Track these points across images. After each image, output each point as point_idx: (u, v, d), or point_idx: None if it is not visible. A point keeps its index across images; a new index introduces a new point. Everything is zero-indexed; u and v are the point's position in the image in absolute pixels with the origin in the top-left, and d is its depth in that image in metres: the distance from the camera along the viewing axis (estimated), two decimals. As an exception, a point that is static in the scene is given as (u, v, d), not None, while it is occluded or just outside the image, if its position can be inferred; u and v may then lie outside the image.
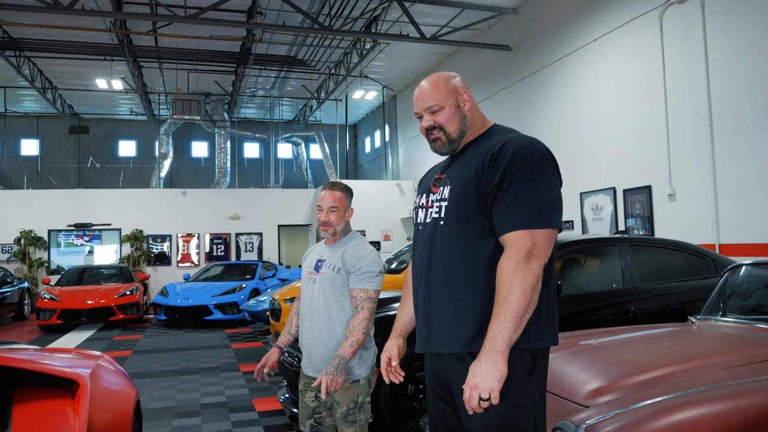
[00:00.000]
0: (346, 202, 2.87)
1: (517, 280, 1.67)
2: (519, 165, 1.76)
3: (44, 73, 16.76)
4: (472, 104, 1.99)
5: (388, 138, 20.92)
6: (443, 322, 1.85)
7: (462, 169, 1.89)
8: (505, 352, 1.66)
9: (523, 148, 1.79)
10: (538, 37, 11.54)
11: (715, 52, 7.73)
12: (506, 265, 1.70)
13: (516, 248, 1.70)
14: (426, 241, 1.94)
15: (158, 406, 5.67)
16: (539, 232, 1.72)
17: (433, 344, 1.89)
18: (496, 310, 1.69)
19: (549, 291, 1.84)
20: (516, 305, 1.65)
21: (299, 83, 18.82)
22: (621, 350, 3.32)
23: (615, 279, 5.06)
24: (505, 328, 1.66)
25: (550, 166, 1.81)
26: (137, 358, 8.28)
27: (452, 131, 1.96)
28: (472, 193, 1.82)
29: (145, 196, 17.94)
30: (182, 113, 15.83)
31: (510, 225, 1.74)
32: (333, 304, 2.78)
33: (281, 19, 12.83)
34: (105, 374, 2.61)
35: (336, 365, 2.59)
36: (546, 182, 1.76)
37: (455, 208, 1.84)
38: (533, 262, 1.69)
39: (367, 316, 2.72)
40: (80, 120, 21.97)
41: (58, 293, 11.72)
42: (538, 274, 1.69)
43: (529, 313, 1.68)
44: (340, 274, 2.78)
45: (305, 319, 2.87)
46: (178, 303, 11.64)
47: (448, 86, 1.98)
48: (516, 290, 1.66)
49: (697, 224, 7.96)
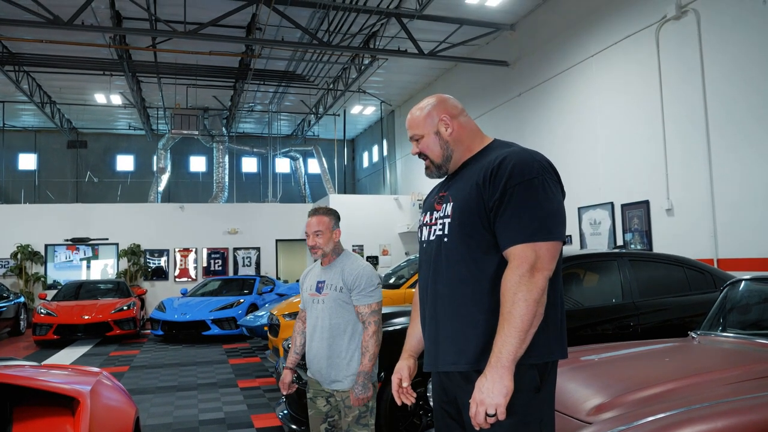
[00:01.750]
0: (331, 224, 3.06)
1: (521, 294, 1.66)
2: (519, 178, 1.75)
3: (43, 87, 16.82)
4: (456, 127, 1.99)
5: (386, 153, 20.97)
6: (450, 340, 1.85)
7: (463, 186, 1.89)
8: (511, 367, 1.65)
9: (523, 162, 1.79)
10: (535, 53, 11.62)
11: (712, 67, 7.79)
12: (510, 280, 1.69)
13: (519, 262, 1.70)
14: (431, 259, 1.94)
15: (156, 422, 5.62)
16: (542, 245, 1.71)
17: (440, 363, 1.89)
18: (500, 325, 1.68)
19: (556, 303, 1.83)
20: (520, 319, 1.64)
21: (297, 98, 18.90)
22: (622, 366, 3.31)
23: (614, 294, 5.06)
24: (510, 343, 1.65)
25: (551, 178, 1.81)
26: (134, 374, 8.21)
27: (435, 158, 1.99)
28: (474, 208, 1.81)
29: (142, 210, 17.92)
30: (181, 128, 15.88)
31: (513, 239, 1.73)
32: (339, 321, 2.98)
33: (280, 34, 12.92)
34: (105, 391, 2.59)
35: (362, 383, 2.86)
36: (547, 195, 1.76)
37: (458, 225, 1.84)
38: (537, 276, 1.68)
39: (375, 330, 2.95)
40: (78, 134, 21.98)
41: (55, 308, 11.65)
42: (542, 287, 1.68)
43: (534, 327, 1.67)
44: (343, 293, 2.99)
45: (313, 338, 3.04)
46: (176, 318, 11.58)
47: (426, 113, 2.00)
48: (520, 304, 1.65)
49: (695, 239, 7.98)
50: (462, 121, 2.01)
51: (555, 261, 1.74)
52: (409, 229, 16.11)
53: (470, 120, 2.05)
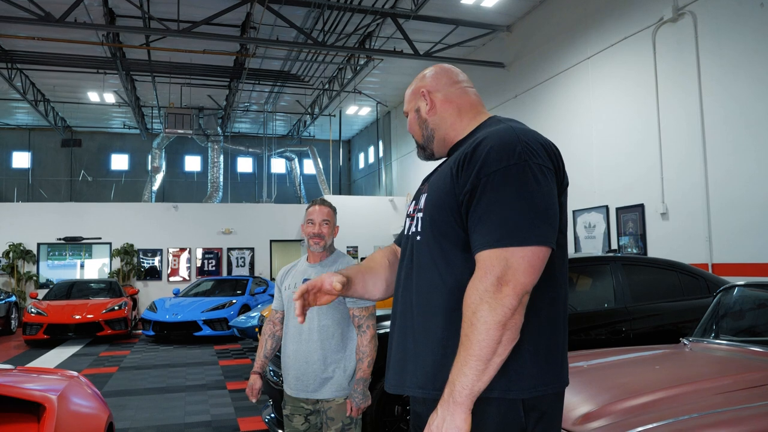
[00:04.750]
0: (335, 218, 2.90)
1: (482, 314, 1.31)
2: (495, 165, 1.40)
3: (36, 85, 16.71)
4: (436, 103, 1.69)
5: (381, 154, 20.91)
6: (418, 359, 1.52)
7: (440, 175, 1.58)
8: (466, 403, 1.33)
9: (502, 144, 1.43)
10: (531, 55, 11.57)
11: (708, 70, 7.74)
12: (470, 294, 1.35)
13: (483, 272, 1.35)
14: (405, 260, 1.63)
15: (141, 425, 5.53)
16: (516, 252, 1.34)
17: (407, 384, 1.55)
18: (458, 350, 1.36)
19: (556, 322, 1.49)
20: (478, 346, 1.31)
21: (293, 98, 18.83)
22: (611, 373, 3.24)
23: (607, 299, 5.00)
24: (464, 374, 1.32)
25: (538, 163, 1.42)
26: (123, 375, 8.12)
27: (417, 138, 1.75)
28: (446, 202, 1.49)
29: (136, 210, 17.81)
30: (174, 127, 15.78)
31: (481, 243, 1.38)
32: (328, 323, 2.76)
33: (275, 34, 12.84)
34: (75, 396, 2.50)
35: (362, 391, 2.68)
36: (528, 186, 1.38)
37: (430, 221, 1.53)
38: (505, 291, 1.31)
39: (373, 334, 2.77)
40: (73, 133, 21.89)
41: (45, 308, 11.54)
42: (510, 306, 1.31)
43: (501, 356, 1.33)
44: None
45: (293, 341, 2.79)
46: (167, 318, 11.48)
47: (412, 89, 1.77)
48: (479, 327, 1.31)
49: (689, 243, 7.92)
50: (447, 95, 1.70)
51: (534, 272, 1.36)
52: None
53: (463, 94, 1.71)
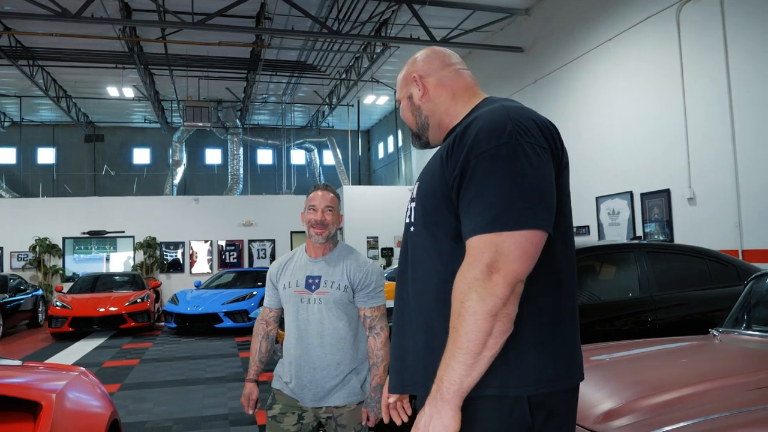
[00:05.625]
0: (339, 206, 2.62)
1: (470, 303, 1.22)
2: (484, 146, 1.31)
3: (58, 82, 16.89)
4: (428, 88, 1.59)
5: (400, 143, 20.76)
6: (417, 356, 1.45)
7: (431, 162, 1.50)
8: (454, 401, 1.23)
9: (492, 123, 1.34)
10: (551, 38, 11.30)
11: (736, 49, 7.45)
12: (459, 283, 1.26)
13: (472, 259, 1.26)
14: (402, 253, 1.57)
15: (158, 417, 5.53)
16: (506, 237, 1.24)
17: (406, 383, 1.48)
18: (447, 344, 1.27)
19: (559, 310, 1.39)
20: (466, 338, 1.22)
21: (311, 89, 18.75)
22: (635, 367, 3.09)
23: (632, 287, 4.84)
24: (452, 368, 1.23)
25: (530, 141, 1.32)
26: (144, 368, 8.16)
27: (411, 125, 1.66)
28: (437, 189, 1.41)
29: (158, 203, 17.98)
30: (193, 120, 15.81)
31: (470, 229, 1.29)
32: (341, 326, 2.53)
33: (290, 24, 12.74)
34: (75, 392, 2.44)
35: (380, 399, 2.42)
36: (519, 166, 1.28)
37: (422, 210, 1.46)
38: (495, 279, 1.22)
39: (387, 335, 2.50)
40: (95, 128, 22.14)
41: (70, 301, 11.69)
42: (502, 295, 1.22)
43: (492, 349, 1.23)
44: (347, 292, 2.53)
45: (299, 345, 2.55)
46: (188, 311, 11.55)
47: (403, 74, 1.66)
48: (467, 318, 1.22)
49: (718, 229, 7.67)
50: (441, 79, 1.59)
51: (528, 258, 1.26)
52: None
53: (457, 76, 1.60)
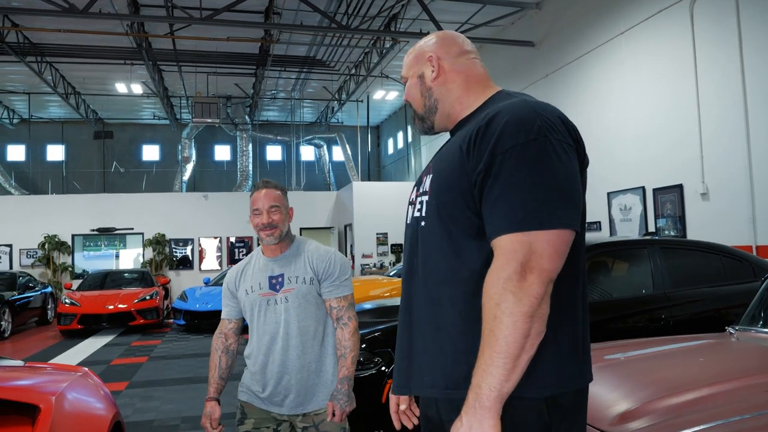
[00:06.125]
0: (285, 200, 2.44)
1: (507, 305, 1.19)
2: (512, 141, 1.27)
3: (66, 78, 16.91)
4: (444, 71, 1.53)
5: (410, 139, 20.66)
6: (427, 355, 1.41)
7: (447, 153, 1.45)
8: (495, 408, 1.20)
9: (519, 118, 1.31)
10: (562, 32, 11.16)
11: (751, 42, 7.30)
12: (492, 284, 1.23)
13: (505, 259, 1.22)
14: (408, 248, 1.51)
15: (165, 416, 5.50)
16: (539, 236, 1.22)
17: (414, 384, 1.45)
18: (481, 348, 1.23)
19: (575, 312, 1.37)
20: (505, 342, 1.18)
21: (320, 84, 18.68)
22: (651, 366, 3.00)
23: (645, 284, 4.74)
24: (492, 374, 1.19)
25: (559, 139, 1.31)
26: (152, 365, 8.15)
27: (416, 107, 1.58)
28: (455, 183, 1.36)
29: (167, 200, 17.99)
30: (202, 116, 15.78)
31: (499, 227, 1.26)
32: (310, 322, 2.39)
33: (298, 19, 12.67)
34: (76, 394, 2.39)
35: (347, 391, 2.32)
36: (550, 163, 1.26)
37: (436, 205, 1.40)
38: (530, 279, 1.20)
39: (355, 326, 2.40)
40: (104, 125, 22.19)
41: (79, 298, 11.70)
42: (537, 294, 1.20)
43: (528, 352, 1.21)
44: (313, 285, 2.39)
45: (270, 350, 2.39)
46: (197, 308, 11.54)
47: (416, 53, 1.59)
48: (505, 320, 1.19)
49: (732, 224, 7.53)
50: (456, 65, 1.54)
51: (560, 257, 1.24)
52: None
53: (473, 65, 1.55)
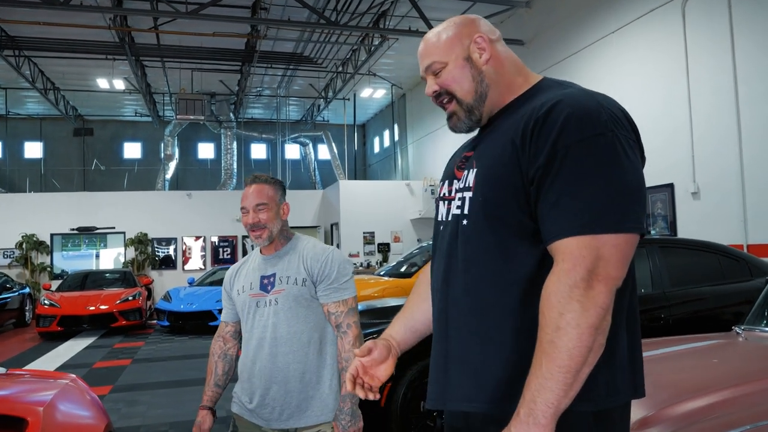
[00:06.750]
0: (277, 196, 2.22)
1: (573, 315, 1.08)
2: (577, 135, 1.16)
3: (45, 73, 16.53)
4: (495, 53, 1.38)
5: (397, 137, 20.57)
6: (465, 367, 1.28)
7: (493, 144, 1.30)
8: (551, 425, 1.08)
9: (583, 110, 1.19)
10: (552, 31, 11.12)
11: (743, 40, 7.31)
12: (555, 292, 1.11)
13: (570, 265, 1.11)
14: (444, 249, 1.36)
15: (152, 422, 5.32)
16: (609, 240, 1.11)
17: (450, 398, 1.31)
18: (537, 359, 1.11)
19: (629, 321, 1.25)
20: (568, 354, 1.07)
21: (306, 82, 18.51)
22: (663, 369, 2.91)
23: (643, 283, 4.70)
24: (549, 389, 1.08)
25: (625, 135, 1.21)
26: (136, 368, 7.93)
27: (465, 95, 1.36)
28: (506, 178, 1.23)
29: (150, 198, 17.67)
30: (186, 113, 15.52)
31: (561, 228, 1.14)
32: (301, 328, 2.16)
33: (286, 14, 12.49)
34: (67, 405, 2.24)
35: (350, 410, 2.07)
36: (617, 160, 1.16)
37: (483, 202, 1.26)
38: (598, 287, 1.09)
39: (357, 334, 2.15)
40: (84, 122, 21.76)
41: (59, 299, 11.41)
42: (605, 305, 1.09)
43: (589, 366, 1.09)
44: (306, 286, 2.16)
45: (258, 356, 2.19)
46: (182, 308, 11.32)
47: (453, 33, 1.37)
48: (569, 331, 1.07)
49: (723, 224, 7.54)
50: (501, 50, 1.41)
51: (626, 264, 1.13)
52: (422, 216, 15.71)
53: (511, 51, 1.44)
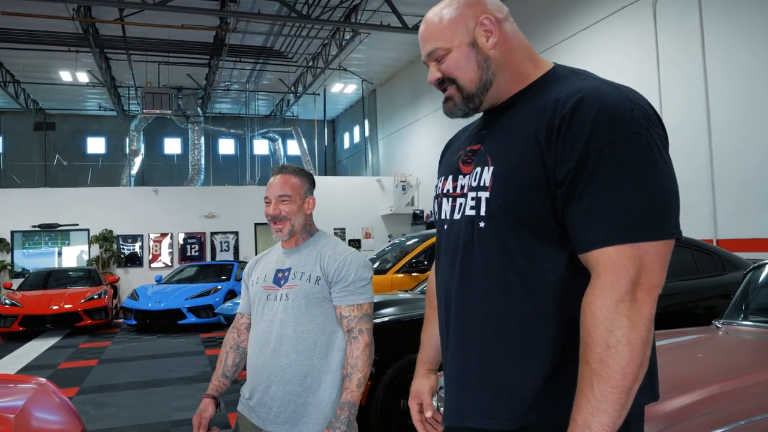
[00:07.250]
0: (303, 189, 2.08)
1: (623, 332, 0.99)
2: (610, 135, 1.05)
3: (5, 65, 15.97)
4: (503, 36, 1.23)
5: (367, 133, 20.48)
6: (484, 381, 1.18)
7: (511, 138, 1.18)
8: None
9: (612, 107, 1.07)
10: (525, 26, 11.02)
11: (712, 39, 7.43)
12: (601, 307, 1.02)
13: (614, 278, 1.02)
14: (456, 252, 1.24)
15: (122, 424, 5.14)
16: (650, 248, 1.02)
17: (468, 414, 1.20)
18: (586, 380, 1.02)
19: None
20: (621, 374, 0.99)
21: (276, 76, 18.28)
22: (649, 364, 2.91)
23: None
24: (603, 411, 0.99)
25: (658, 133, 1.10)
26: (104, 368, 7.70)
27: (468, 83, 1.23)
28: (530, 179, 1.11)
29: (115, 194, 17.22)
30: (152, 107, 15.16)
31: (598, 237, 1.05)
32: (309, 328, 2.02)
33: (256, 7, 12.29)
34: (40, 410, 2.12)
35: (347, 419, 1.92)
36: (654, 162, 1.06)
37: (503, 203, 1.14)
38: (642, 299, 1.01)
39: (368, 341, 2.01)
40: (46, 116, 21.12)
41: (20, 298, 11.04)
42: (650, 315, 1.02)
43: (639, 381, 1.01)
44: (320, 285, 2.03)
45: (262, 352, 2.06)
46: (149, 307, 11.05)
47: (457, 14, 1.22)
48: (620, 349, 0.99)
49: (693, 218, 7.66)
50: (509, 30, 1.25)
51: (665, 270, 1.05)
52: (392, 212, 15.67)
53: (520, 32, 1.29)
